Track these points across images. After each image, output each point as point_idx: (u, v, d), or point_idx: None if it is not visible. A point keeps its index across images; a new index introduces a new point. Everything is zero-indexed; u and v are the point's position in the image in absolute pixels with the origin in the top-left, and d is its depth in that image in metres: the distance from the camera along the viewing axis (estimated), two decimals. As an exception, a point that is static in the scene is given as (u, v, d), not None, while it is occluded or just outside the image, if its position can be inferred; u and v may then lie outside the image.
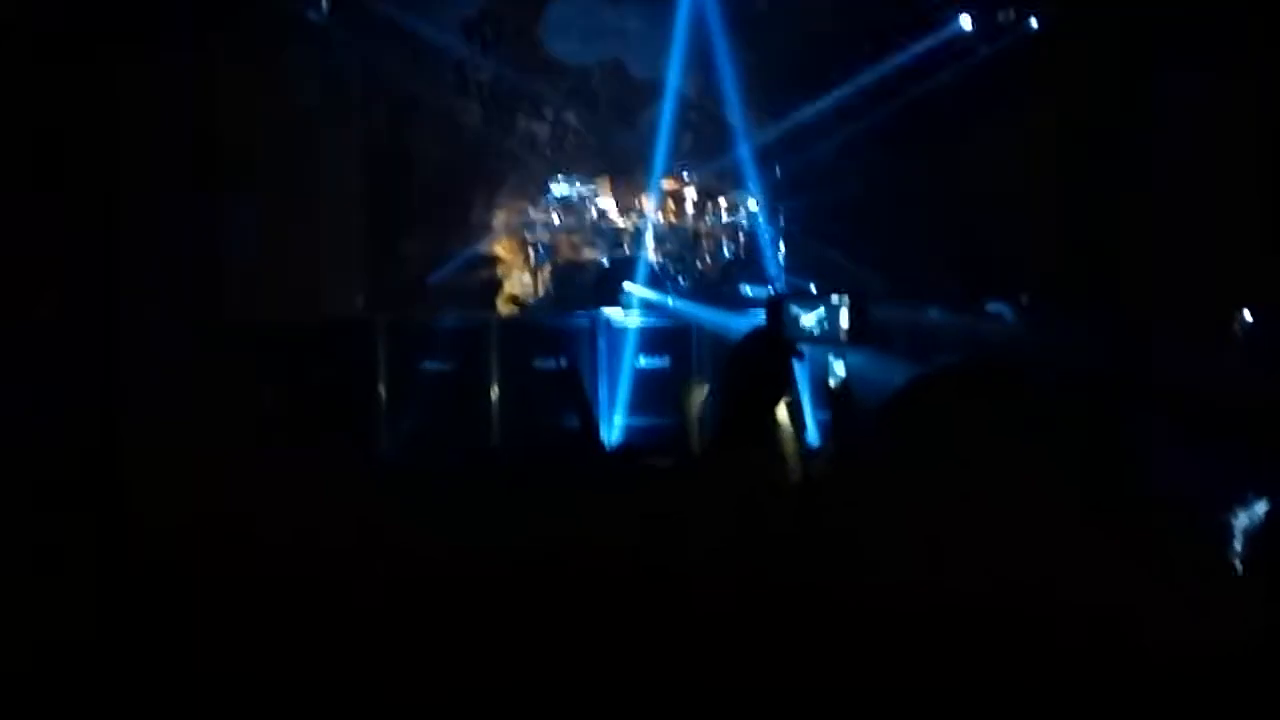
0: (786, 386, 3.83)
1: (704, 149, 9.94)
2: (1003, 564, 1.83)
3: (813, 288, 8.34)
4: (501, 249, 9.40)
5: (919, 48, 9.22)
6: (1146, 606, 1.84)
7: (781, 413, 3.80)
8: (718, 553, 2.45)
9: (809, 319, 4.87)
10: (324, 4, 8.64)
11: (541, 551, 2.61)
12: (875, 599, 1.88)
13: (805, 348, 4.35)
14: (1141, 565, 1.92)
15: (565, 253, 8.86)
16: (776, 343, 4.13)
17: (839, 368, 4.44)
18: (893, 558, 1.92)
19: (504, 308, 8.98)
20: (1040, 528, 1.84)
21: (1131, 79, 8.10)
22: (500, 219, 9.48)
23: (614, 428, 7.17)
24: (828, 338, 4.62)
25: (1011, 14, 9.03)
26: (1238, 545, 2.34)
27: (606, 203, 8.98)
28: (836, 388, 4.30)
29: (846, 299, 4.68)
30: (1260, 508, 2.40)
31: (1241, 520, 2.37)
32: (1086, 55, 8.49)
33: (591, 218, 8.85)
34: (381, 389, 7.12)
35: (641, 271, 8.34)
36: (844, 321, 4.54)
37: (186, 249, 7.46)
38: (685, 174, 9.06)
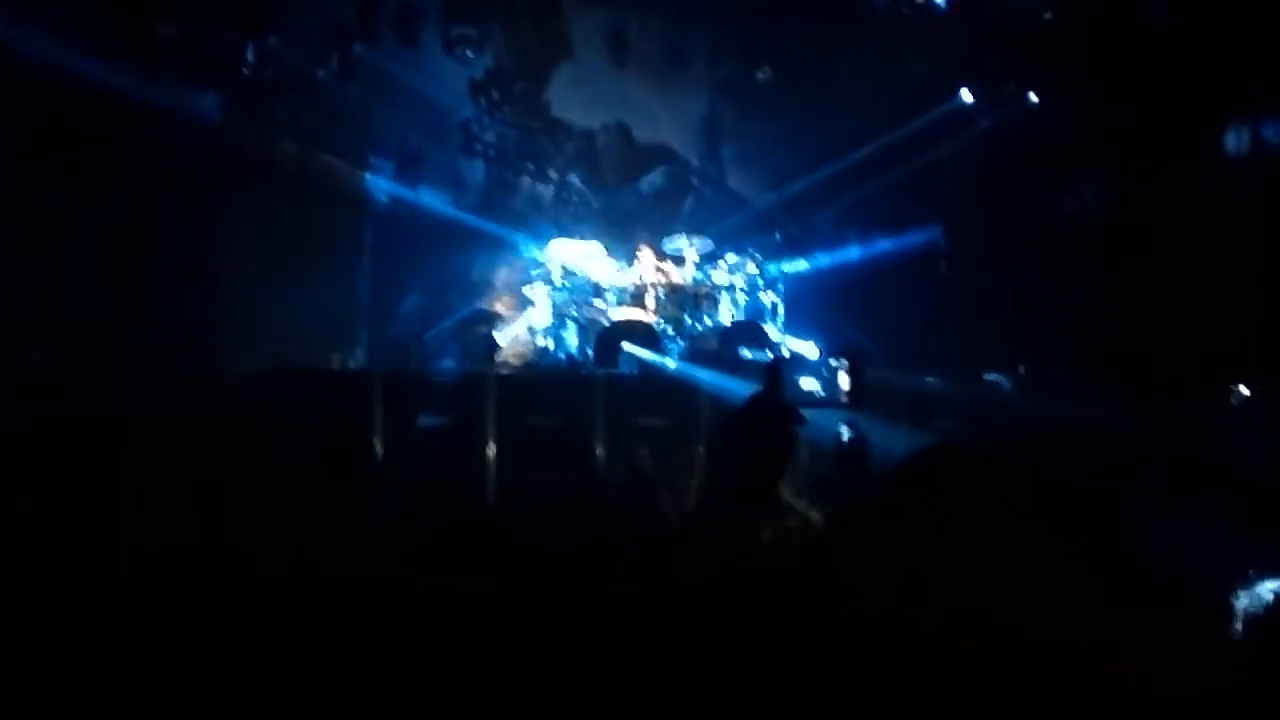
0: (789, 448, 3.83)
1: (705, 212, 10.04)
2: (1006, 628, 1.83)
3: (811, 352, 8.34)
4: (501, 305, 9.43)
5: (919, 121, 9.36)
6: (1145, 668, 1.84)
7: (785, 474, 3.80)
8: (721, 608, 2.44)
9: (808, 382, 4.92)
10: (334, 61, 8.77)
11: (541, 605, 2.59)
12: (879, 656, 1.88)
13: (806, 411, 4.33)
14: (1142, 629, 1.92)
15: (565, 311, 8.88)
16: (776, 406, 4.15)
17: (847, 432, 4.43)
18: (893, 615, 1.91)
19: (501, 363, 8.97)
20: (1042, 595, 1.84)
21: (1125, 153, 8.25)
22: (501, 276, 9.53)
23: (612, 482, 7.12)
24: (827, 401, 4.64)
25: (1012, 88, 9.19)
26: (1238, 612, 2.33)
27: (607, 263, 9.03)
28: (848, 451, 4.29)
29: (845, 363, 4.71)
30: (1261, 580, 2.39)
31: (1240, 590, 2.36)
32: (1085, 132, 8.64)
33: (592, 277, 8.88)
34: (377, 442, 7.09)
35: (640, 332, 8.34)
36: (843, 384, 4.56)
37: (188, 296, 7.49)
38: (686, 237, 9.12)
